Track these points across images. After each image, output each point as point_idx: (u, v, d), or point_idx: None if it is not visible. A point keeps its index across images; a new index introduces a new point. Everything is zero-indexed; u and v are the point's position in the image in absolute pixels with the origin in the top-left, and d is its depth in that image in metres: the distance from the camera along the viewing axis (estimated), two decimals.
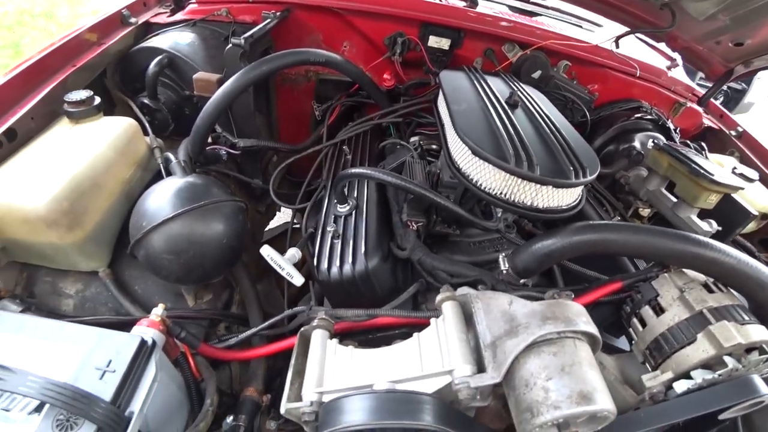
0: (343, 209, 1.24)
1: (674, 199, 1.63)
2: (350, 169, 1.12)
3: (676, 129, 1.95)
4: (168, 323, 1.04)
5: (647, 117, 1.84)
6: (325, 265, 1.11)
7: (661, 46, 2.20)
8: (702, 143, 1.98)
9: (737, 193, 1.88)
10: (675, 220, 1.60)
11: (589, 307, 1.22)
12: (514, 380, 0.76)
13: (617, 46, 1.85)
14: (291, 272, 1.01)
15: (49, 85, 1.28)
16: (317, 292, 1.24)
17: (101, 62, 1.46)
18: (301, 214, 1.53)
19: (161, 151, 1.38)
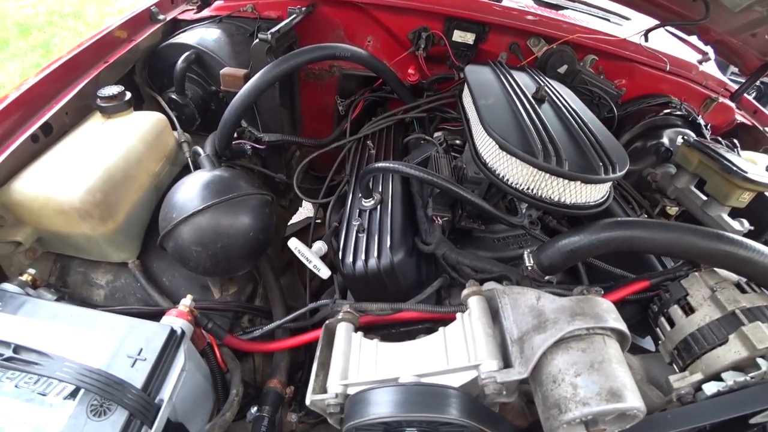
0: (368, 203, 1.24)
1: (704, 197, 1.58)
2: (376, 164, 1.12)
3: (707, 125, 1.89)
4: (196, 314, 1.07)
5: (677, 113, 1.78)
6: (350, 259, 1.11)
7: (693, 39, 2.12)
8: (734, 140, 1.92)
9: None
10: (705, 218, 1.56)
11: (615, 306, 1.21)
12: (542, 376, 0.74)
13: (646, 40, 1.80)
14: (318, 265, 1.01)
15: (83, 81, 1.31)
16: (341, 285, 1.24)
17: (131, 58, 1.49)
18: (323, 209, 1.54)
19: (189, 145, 1.40)
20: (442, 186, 1.05)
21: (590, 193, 1.07)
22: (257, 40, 1.36)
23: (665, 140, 1.76)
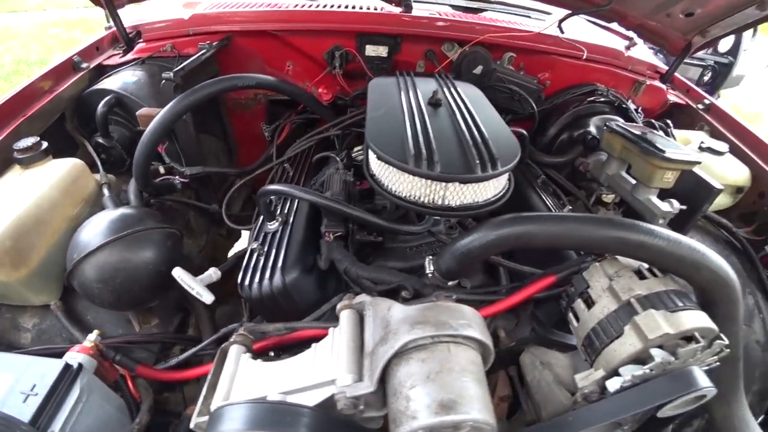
0: (271, 226, 1.27)
1: (633, 181, 1.57)
2: (265, 186, 1.14)
3: (638, 109, 1.89)
4: (101, 348, 1.09)
5: (601, 100, 1.78)
6: (246, 282, 1.13)
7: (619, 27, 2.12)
8: (668, 120, 1.92)
9: (705, 168, 1.80)
10: (635, 203, 1.55)
11: (530, 305, 1.20)
12: (388, 389, 0.74)
13: (562, 31, 1.81)
14: (200, 291, 1.04)
15: (1, 136, 1.36)
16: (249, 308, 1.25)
17: (55, 108, 1.56)
18: None
19: (110, 187, 1.44)
20: (319, 203, 1.07)
21: (475, 193, 1.07)
22: (163, 80, 1.40)
23: (592, 128, 1.78)
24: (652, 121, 1.90)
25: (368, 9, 1.76)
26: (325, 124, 1.75)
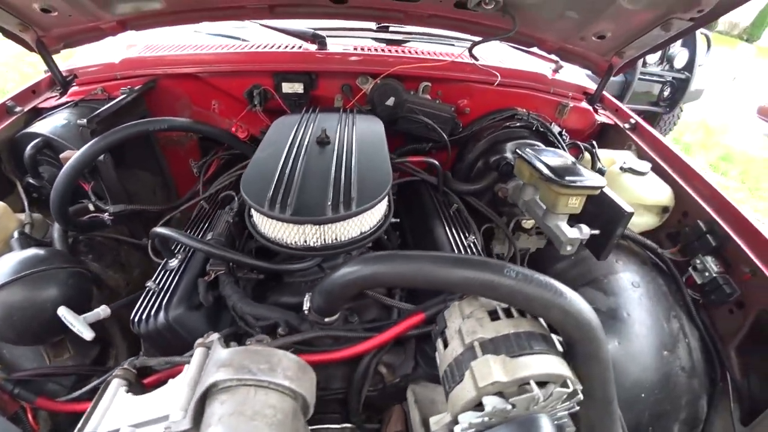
0: (172, 263, 1.35)
1: (544, 207, 1.61)
2: (153, 229, 1.24)
3: (561, 131, 1.95)
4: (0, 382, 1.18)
5: (517, 125, 1.84)
6: (136, 318, 1.21)
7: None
8: (593, 141, 1.97)
9: (626, 189, 1.84)
10: (545, 229, 1.59)
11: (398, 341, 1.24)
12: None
13: (475, 59, 1.89)
14: (81, 329, 1.13)
15: None
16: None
17: None
18: None
19: (32, 226, 1.56)
20: (195, 247, 1.15)
21: (335, 233, 1.13)
22: (79, 126, 1.52)
23: (508, 154, 1.83)
24: (578, 142, 1.96)
25: (286, 47, 1.88)
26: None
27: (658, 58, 5.24)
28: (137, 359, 1.18)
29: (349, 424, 1.26)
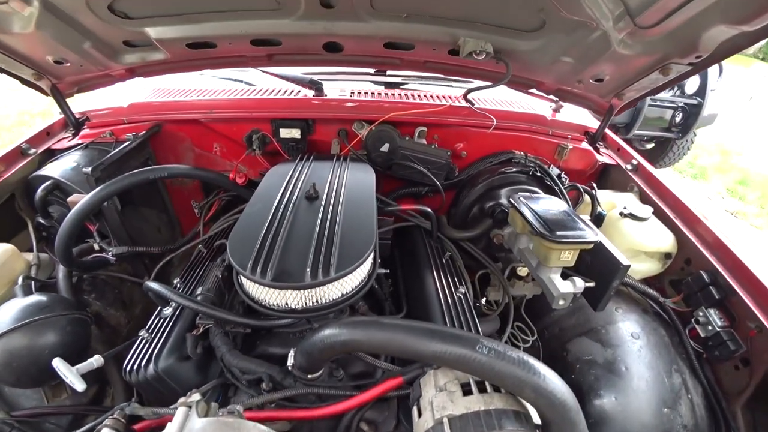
0: (166, 311, 1.40)
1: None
2: (146, 283, 1.29)
3: (560, 174, 1.93)
4: None
5: (512, 170, 1.84)
6: (128, 368, 1.25)
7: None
8: (593, 183, 1.95)
9: (625, 236, 1.82)
10: (539, 281, 1.57)
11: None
12: None
13: (471, 103, 1.91)
14: (73, 380, 1.19)
15: None
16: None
17: (1, 192, 1.79)
18: None
19: (38, 267, 1.64)
20: (183, 304, 1.20)
21: (316, 297, 1.15)
22: (86, 174, 1.60)
23: (503, 200, 1.82)
24: (577, 185, 1.95)
25: (284, 93, 1.94)
26: None
27: None
28: (129, 407, 1.23)
29: None
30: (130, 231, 1.86)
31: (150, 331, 1.36)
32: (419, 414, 1.04)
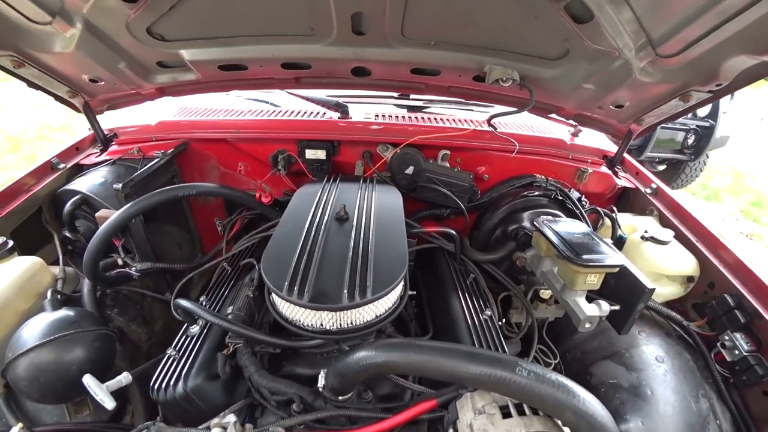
0: (193, 330, 1.41)
1: (563, 281, 1.60)
2: (176, 300, 1.29)
3: (581, 198, 1.95)
4: None
5: (535, 194, 1.86)
6: (155, 386, 1.25)
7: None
8: (613, 207, 1.97)
9: (646, 259, 1.82)
10: (564, 304, 1.56)
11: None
12: None
13: (494, 128, 1.94)
14: (104, 398, 1.18)
15: None
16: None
17: (31, 205, 1.82)
18: None
19: (64, 281, 1.66)
20: (214, 322, 1.20)
21: (351, 318, 1.16)
22: (116, 189, 1.63)
23: (526, 223, 1.84)
24: (598, 208, 1.97)
25: (310, 115, 1.98)
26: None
27: None
28: (154, 426, 1.22)
29: None
30: (153, 246, 1.88)
31: (177, 349, 1.36)
32: None
